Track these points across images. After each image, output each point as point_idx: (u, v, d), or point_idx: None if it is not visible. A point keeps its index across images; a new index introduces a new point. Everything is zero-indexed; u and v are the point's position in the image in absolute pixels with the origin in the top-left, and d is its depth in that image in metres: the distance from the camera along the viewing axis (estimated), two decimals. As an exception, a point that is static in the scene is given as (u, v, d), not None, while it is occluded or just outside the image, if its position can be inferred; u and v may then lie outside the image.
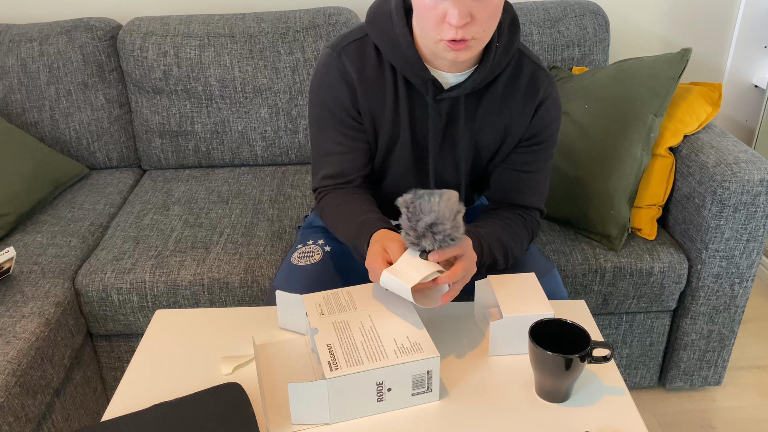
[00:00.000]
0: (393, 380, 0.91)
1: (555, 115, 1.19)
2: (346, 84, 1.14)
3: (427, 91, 1.11)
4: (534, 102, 1.16)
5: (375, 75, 1.13)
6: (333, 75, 1.14)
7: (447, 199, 0.94)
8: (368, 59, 1.13)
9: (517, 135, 1.19)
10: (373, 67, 1.13)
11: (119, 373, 1.65)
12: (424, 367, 0.92)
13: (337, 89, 1.14)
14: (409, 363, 0.91)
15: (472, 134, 1.19)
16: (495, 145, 1.21)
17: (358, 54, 1.13)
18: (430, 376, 0.93)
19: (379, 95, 1.15)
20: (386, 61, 1.13)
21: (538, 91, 1.16)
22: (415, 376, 0.92)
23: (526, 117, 1.17)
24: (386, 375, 0.91)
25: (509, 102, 1.16)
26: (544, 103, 1.17)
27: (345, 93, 1.14)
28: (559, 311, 1.16)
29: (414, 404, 0.95)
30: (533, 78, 1.16)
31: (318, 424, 0.92)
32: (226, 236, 1.62)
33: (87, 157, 1.98)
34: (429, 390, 0.94)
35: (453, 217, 0.94)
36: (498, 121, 1.17)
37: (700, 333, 1.66)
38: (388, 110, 1.15)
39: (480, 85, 1.12)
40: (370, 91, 1.14)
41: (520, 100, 1.16)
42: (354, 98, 1.15)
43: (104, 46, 1.91)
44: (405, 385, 0.93)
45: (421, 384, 0.93)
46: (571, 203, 1.61)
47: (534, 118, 1.17)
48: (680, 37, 2.16)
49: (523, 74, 1.16)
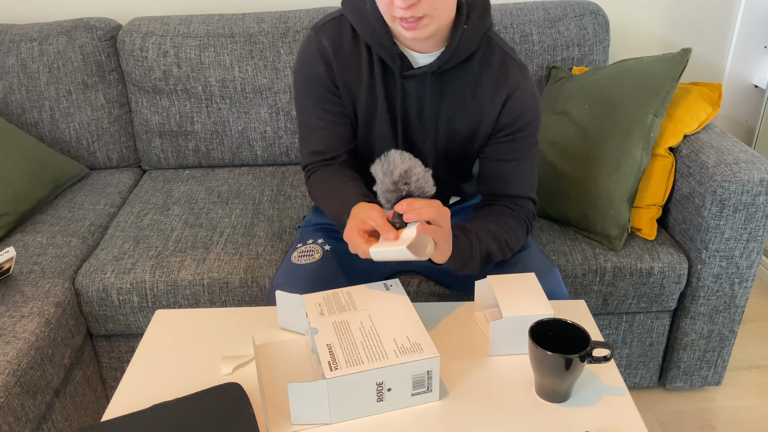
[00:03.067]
0: (393, 380, 0.91)
1: (530, 105, 1.19)
2: (323, 60, 1.18)
3: (396, 66, 1.15)
4: (504, 91, 1.18)
5: (351, 52, 1.18)
6: (311, 52, 1.18)
7: (412, 155, 1.04)
8: (344, 37, 1.18)
9: (490, 123, 1.20)
10: (349, 44, 1.18)
11: (119, 373, 1.65)
12: (424, 367, 0.92)
13: (316, 65, 1.18)
14: (409, 363, 0.91)
15: (447, 116, 1.20)
16: (470, 130, 1.22)
17: (334, 31, 1.18)
18: (430, 376, 0.93)
19: (355, 71, 1.18)
20: (361, 40, 1.17)
21: (507, 80, 1.18)
22: (415, 376, 0.92)
23: (496, 105, 1.19)
24: (386, 375, 0.91)
25: (480, 87, 1.18)
26: (515, 93, 1.18)
27: (322, 68, 1.18)
28: (559, 311, 1.16)
29: (414, 404, 0.95)
30: (503, 65, 1.18)
31: (318, 424, 0.92)
32: (226, 236, 1.62)
33: (87, 157, 1.98)
34: (429, 390, 0.95)
35: (422, 165, 1.03)
36: (470, 106, 1.19)
37: (700, 333, 1.66)
38: (364, 86, 1.19)
39: (447, 65, 1.15)
40: (346, 67, 1.18)
41: (491, 87, 1.18)
42: (331, 73, 1.18)
43: (104, 46, 1.91)
44: (405, 385, 0.93)
45: (421, 384, 0.93)
46: (571, 203, 1.61)
47: (505, 108, 1.19)
48: (680, 37, 2.16)
49: (493, 62, 1.18)
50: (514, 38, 1.88)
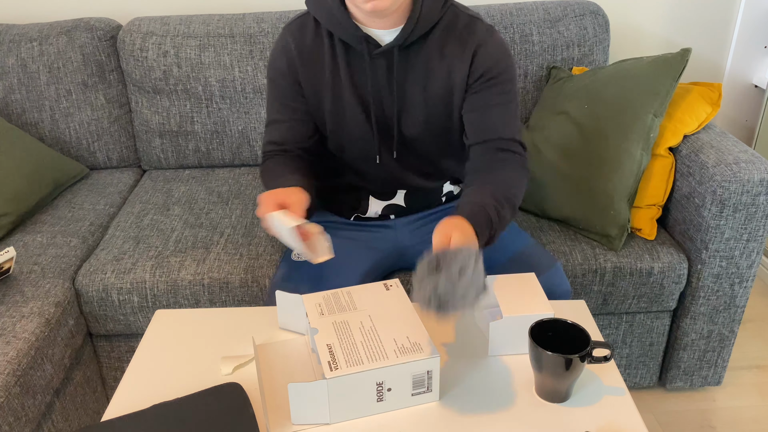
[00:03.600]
0: (393, 380, 0.91)
1: (500, 55, 1.21)
2: (287, 57, 1.24)
3: (363, 48, 1.19)
4: (471, 47, 1.21)
5: (312, 44, 1.23)
6: (277, 50, 1.25)
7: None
8: (308, 31, 1.23)
9: (462, 79, 1.22)
10: (311, 37, 1.23)
11: (119, 373, 1.65)
12: (424, 367, 0.92)
13: (279, 62, 1.25)
14: (409, 363, 0.91)
15: (420, 86, 1.23)
16: (445, 93, 1.24)
17: (299, 28, 1.24)
18: (430, 376, 0.93)
19: (318, 63, 1.23)
20: (323, 29, 1.22)
21: (473, 37, 1.21)
22: (415, 376, 0.92)
23: (465, 62, 1.21)
24: (386, 375, 0.91)
25: (447, 50, 1.21)
26: (482, 47, 1.21)
27: (285, 65, 1.24)
28: (559, 311, 1.16)
29: (414, 404, 0.95)
30: (468, 27, 1.22)
31: (318, 424, 0.92)
32: (226, 236, 1.62)
33: (87, 157, 1.98)
34: (429, 390, 0.95)
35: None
36: (441, 69, 1.22)
37: (700, 333, 1.66)
38: (328, 75, 1.23)
39: (413, 37, 1.18)
40: (309, 61, 1.23)
41: (458, 46, 1.21)
42: (294, 70, 1.24)
43: (104, 46, 1.91)
44: (405, 385, 0.93)
45: (421, 384, 0.93)
46: (571, 203, 1.61)
47: (474, 61, 1.21)
48: (680, 37, 2.16)
49: (458, 26, 1.22)
50: (514, 38, 1.88)
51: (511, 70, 1.22)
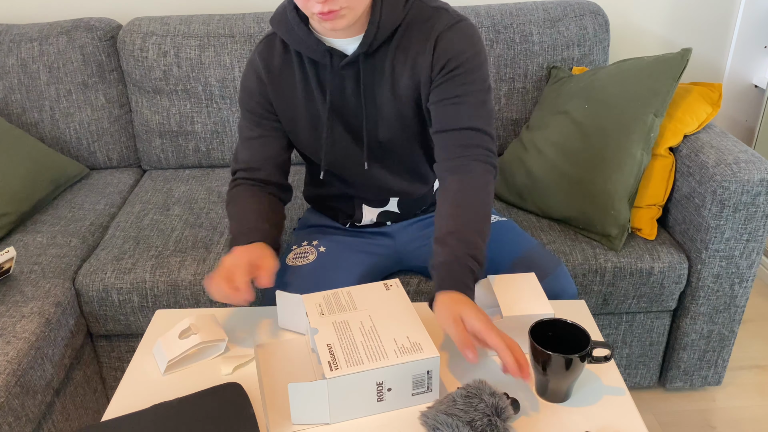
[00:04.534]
0: (393, 380, 0.91)
1: (464, 42, 1.16)
2: (256, 76, 1.24)
3: (327, 61, 1.18)
4: (431, 38, 1.16)
5: (281, 63, 1.23)
6: (248, 71, 1.26)
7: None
8: (275, 50, 1.24)
9: (426, 74, 1.18)
10: (280, 56, 1.23)
11: (119, 373, 1.65)
12: (424, 366, 0.92)
13: (249, 82, 1.26)
14: (409, 363, 0.91)
15: (390, 89, 1.21)
16: (413, 92, 1.21)
17: (266, 48, 1.24)
18: (430, 375, 0.93)
19: (288, 80, 1.23)
20: (291, 48, 1.22)
21: (433, 28, 1.17)
22: (415, 376, 0.92)
23: (428, 54, 1.17)
24: (386, 375, 0.91)
25: (410, 47, 1.18)
26: (442, 35, 1.16)
27: (255, 85, 1.25)
28: (559, 311, 1.16)
29: (414, 404, 0.95)
30: (430, 19, 1.17)
31: (318, 424, 0.92)
32: (226, 236, 1.62)
33: (87, 157, 1.98)
34: (429, 390, 0.94)
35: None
36: (405, 68, 1.20)
37: (700, 333, 1.66)
38: (300, 92, 1.23)
39: (377, 42, 1.17)
40: (278, 79, 1.24)
41: (419, 42, 1.18)
42: (263, 89, 1.24)
43: (104, 46, 1.91)
44: (405, 385, 0.93)
45: (421, 384, 0.93)
46: (571, 203, 1.61)
47: (436, 52, 1.16)
48: (680, 37, 2.16)
49: (420, 20, 1.19)
50: (514, 38, 1.88)
51: (476, 58, 1.16)
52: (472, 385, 0.90)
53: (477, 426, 0.85)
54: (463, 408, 0.86)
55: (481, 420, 0.85)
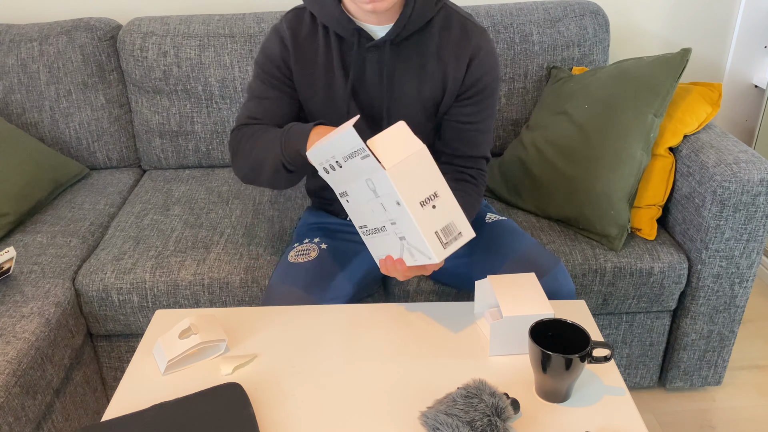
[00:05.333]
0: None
1: (492, 64, 1.27)
2: (281, 43, 1.27)
3: (355, 40, 1.22)
4: (467, 52, 1.24)
5: (307, 35, 1.26)
6: (272, 37, 1.28)
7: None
8: (304, 22, 1.27)
9: (456, 84, 1.26)
10: (307, 29, 1.26)
11: (119, 373, 1.65)
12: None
13: (273, 46, 1.28)
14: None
15: (416, 84, 1.26)
16: (436, 94, 1.27)
17: (295, 18, 1.27)
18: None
19: (311, 53, 1.26)
20: (319, 22, 1.25)
21: (470, 42, 1.24)
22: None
23: (461, 67, 1.25)
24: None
25: (443, 51, 1.25)
26: (478, 53, 1.24)
27: (278, 50, 1.27)
28: (559, 311, 1.16)
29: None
30: (464, 29, 1.25)
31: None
32: (226, 236, 1.62)
33: (87, 157, 1.98)
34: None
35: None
36: (435, 71, 1.25)
37: (700, 333, 1.66)
38: (321, 66, 1.26)
39: (405, 32, 1.21)
40: (302, 50, 1.26)
41: (454, 50, 1.25)
42: (286, 55, 1.26)
43: (104, 46, 1.91)
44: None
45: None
46: (571, 203, 1.61)
47: (470, 68, 1.25)
48: (680, 37, 2.16)
49: (453, 27, 1.25)
50: (514, 38, 1.88)
51: (496, 82, 1.28)
52: (472, 385, 0.90)
53: (477, 426, 0.85)
54: (463, 408, 0.86)
55: (481, 420, 0.85)
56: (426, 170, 0.96)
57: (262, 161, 1.21)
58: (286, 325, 1.13)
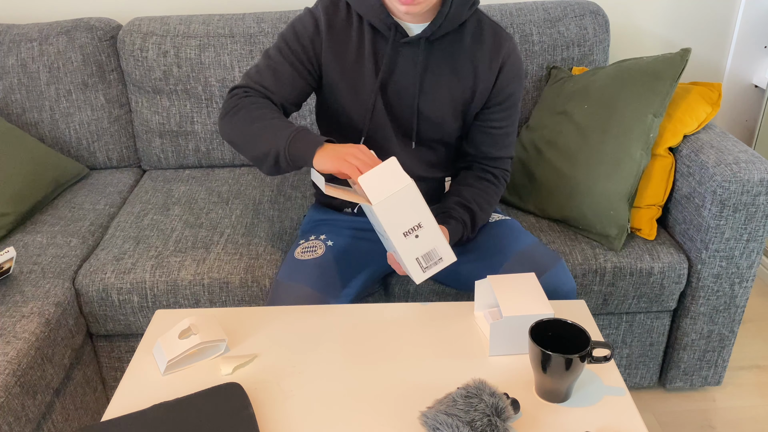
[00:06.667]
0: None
1: (520, 71, 1.32)
2: (315, 25, 1.27)
3: (390, 35, 1.24)
4: (499, 59, 1.29)
5: (343, 24, 1.27)
6: (305, 19, 1.28)
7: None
8: (340, 10, 1.28)
9: (485, 91, 1.30)
10: (343, 15, 1.27)
11: (119, 373, 1.65)
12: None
13: (305, 25, 1.27)
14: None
15: (447, 84, 1.28)
16: (467, 96, 1.30)
17: (332, 5, 1.28)
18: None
19: (344, 40, 1.27)
20: (354, 12, 1.27)
21: (501, 49, 1.29)
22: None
23: (493, 72, 1.29)
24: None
25: (476, 54, 1.29)
26: (508, 60, 1.30)
27: (311, 30, 1.27)
28: (559, 311, 1.16)
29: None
30: (496, 36, 1.30)
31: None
32: (226, 236, 1.62)
33: (87, 157, 1.98)
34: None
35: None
36: (467, 73, 1.29)
37: (700, 333, 1.66)
38: (352, 55, 1.27)
39: (440, 31, 1.24)
40: (336, 37, 1.27)
41: (487, 56, 1.29)
42: (317, 39, 1.27)
43: (104, 46, 1.91)
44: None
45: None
46: (571, 203, 1.61)
47: (501, 74, 1.30)
48: (680, 37, 2.16)
49: (485, 34, 1.29)
50: (514, 38, 1.88)
51: (521, 91, 1.35)
52: (472, 385, 0.90)
53: (477, 426, 0.85)
54: (463, 408, 0.86)
55: (481, 420, 0.85)
56: (412, 203, 1.06)
57: (258, 143, 1.19)
58: (286, 325, 1.13)
